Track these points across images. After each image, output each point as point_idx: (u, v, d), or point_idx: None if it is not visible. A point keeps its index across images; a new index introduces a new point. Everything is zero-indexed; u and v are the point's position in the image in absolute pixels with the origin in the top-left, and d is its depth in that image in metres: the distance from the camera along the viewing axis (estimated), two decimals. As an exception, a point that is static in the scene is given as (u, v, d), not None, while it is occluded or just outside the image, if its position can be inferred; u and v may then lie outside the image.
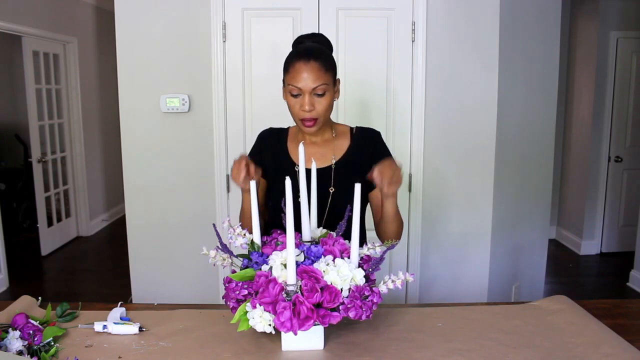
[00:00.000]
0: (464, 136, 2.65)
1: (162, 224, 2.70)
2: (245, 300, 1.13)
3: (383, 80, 2.60)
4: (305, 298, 1.06)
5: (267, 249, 1.21)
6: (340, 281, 1.09)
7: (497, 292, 2.81)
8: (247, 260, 1.19)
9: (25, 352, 1.15)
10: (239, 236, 1.22)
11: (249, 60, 2.58)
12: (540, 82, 2.94)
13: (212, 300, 2.70)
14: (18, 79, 5.32)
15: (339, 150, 1.53)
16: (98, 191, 5.75)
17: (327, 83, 1.40)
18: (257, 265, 1.15)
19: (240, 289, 1.12)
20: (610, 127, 4.58)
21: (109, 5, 3.22)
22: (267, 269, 1.13)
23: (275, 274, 1.10)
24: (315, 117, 1.41)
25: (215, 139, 2.62)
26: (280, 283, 1.09)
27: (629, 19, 4.42)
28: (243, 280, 1.14)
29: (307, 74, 1.38)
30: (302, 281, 1.09)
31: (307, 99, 1.39)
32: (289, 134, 1.59)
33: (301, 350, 1.20)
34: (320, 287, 1.08)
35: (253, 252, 1.19)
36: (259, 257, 1.16)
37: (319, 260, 1.14)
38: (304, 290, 1.08)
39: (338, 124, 1.60)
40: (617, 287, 3.98)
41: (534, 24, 2.84)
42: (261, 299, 1.08)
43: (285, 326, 1.06)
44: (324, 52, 1.45)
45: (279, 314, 1.06)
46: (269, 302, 1.07)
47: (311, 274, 1.09)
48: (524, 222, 2.99)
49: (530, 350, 1.19)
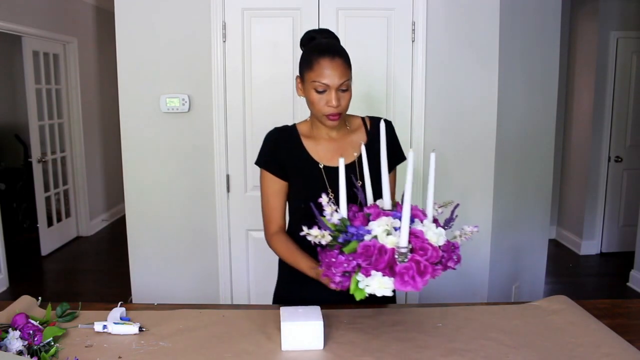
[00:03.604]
0: (464, 136, 2.65)
1: (162, 224, 2.70)
2: (353, 271, 1.18)
3: (383, 80, 2.59)
4: (420, 256, 1.17)
5: (356, 222, 1.26)
6: (437, 238, 1.20)
7: (497, 292, 2.81)
8: (345, 234, 1.22)
9: (25, 352, 1.15)
10: (334, 213, 1.27)
11: (249, 60, 2.58)
12: (540, 82, 2.94)
13: (212, 300, 2.70)
14: (18, 79, 5.31)
15: (358, 145, 1.53)
16: (98, 191, 5.75)
17: (349, 78, 1.46)
18: (356, 237, 1.21)
19: (349, 262, 1.17)
20: (610, 127, 4.58)
21: (109, 5, 3.22)
22: (370, 238, 1.19)
23: (382, 241, 1.17)
24: (340, 112, 1.45)
25: (215, 139, 2.62)
26: (391, 248, 1.16)
27: (629, 19, 4.42)
28: (350, 252, 1.19)
29: (333, 71, 1.41)
30: (411, 243, 1.18)
31: (333, 95, 1.42)
32: (300, 132, 1.57)
33: (301, 350, 1.20)
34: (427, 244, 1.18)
35: (349, 227, 1.23)
36: (358, 230, 1.22)
37: (413, 222, 1.23)
38: (416, 250, 1.17)
39: (349, 116, 1.60)
40: (617, 287, 3.98)
41: (534, 24, 2.84)
42: (377, 266, 1.14)
43: (409, 284, 1.14)
44: (343, 48, 1.49)
45: (402, 274, 1.14)
46: (384, 267, 1.14)
47: (418, 234, 1.19)
48: (524, 222, 2.99)
49: (530, 350, 1.19)
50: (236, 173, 2.65)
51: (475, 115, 2.64)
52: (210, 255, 2.71)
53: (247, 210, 2.65)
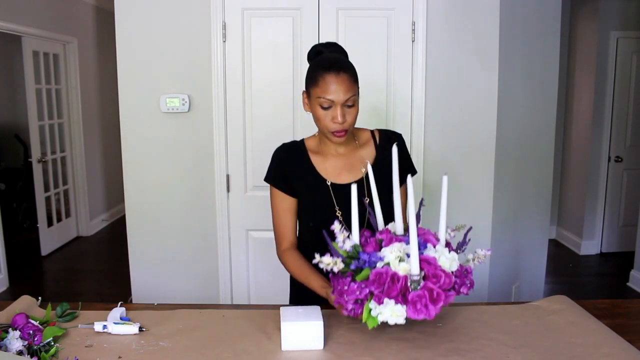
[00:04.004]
0: (464, 136, 2.65)
1: (162, 224, 2.70)
2: (366, 299, 1.17)
3: (383, 80, 2.59)
4: (433, 283, 1.15)
5: (369, 247, 1.25)
6: (449, 264, 1.19)
7: (497, 292, 2.81)
8: (357, 261, 1.21)
9: (25, 352, 1.15)
10: (346, 239, 1.24)
11: (249, 61, 2.58)
12: (540, 82, 2.94)
13: (212, 300, 2.70)
14: (18, 79, 5.32)
15: (366, 160, 1.50)
16: (98, 191, 5.75)
17: (356, 94, 1.42)
18: (368, 264, 1.19)
19: (362, 289, 1.16)
20: (610, 127, 4.58)
21: (109, 5, 3.22)
22: (382, 265, 1.17)
23: (394, 268, 1.16)
24: (346, 129, 1.43)
25: (215, 139, 2.62)
26: (404, 276, 1.15)
27: (629, 19, 4.42)
28: (363, 279, 1.18)
29: (339, 86, 1.38)
30: (423, 270, 1.17)
31: (339, 111, 1.39)
32: (307, 148, 1.55)
33: (301, 350, 1.20)
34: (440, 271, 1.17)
35: (361, 253, 1.22)
36: (370, 257, 1.20)
37: (426, 248, 1.22)
38: (429, 277, 1.16)
39: (358, 129, 1.57)
40: (617, 287, 3.98)
41: (534, 24, 2.84)
42: (389, 293, 1.13)
43: (422, 312, 1.13)
44: (349, 63, 1.46)
45: (414, 302, 1.13)
46: (396, 295, 1.13)
47: (430, 261, 1.18)
48: (524, 222, 2.98)
49: (530, 350, 1.19)
50: (236, 173, 2.65)
51: (475, 115, 2.64)
52: (210, 255, 2.71)
53: (247, 210, 2.65)
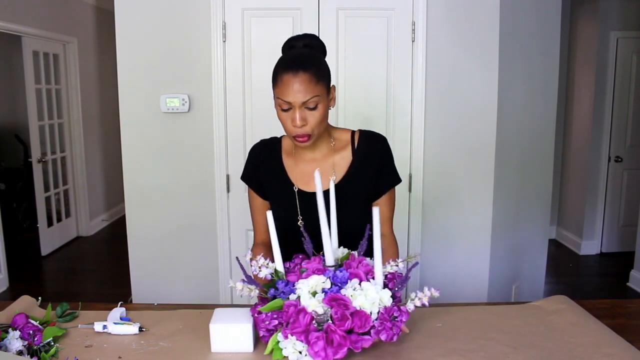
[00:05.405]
0: (464, 136, 2.65)
1: (162, 224, 2.70)
2: (276, 330, 1.12)
3: (383, 80, 2.59)
4: (337, 326, 1.06)
5: (292, 276, 1.17)
6: (369, 305, 1.08)
7: (497, 292, 2.81)
8: (274, 289, 1.15)
9: (25, 352, 1.15)
10: (262, 267, 1.18)
11: (249, 61, 2.58)
12: (540, 82, 2.94)
13: (212, 300, 2.70)
14: (18, 79, 5.31)
15: (340, 168, 1.41)
16: (98, 191, 5.75)
17: (319, 94, 1.28)
18: (284, 294, 1.13)
19: (270, 320, 1.11)
20: (610, 127, 4.58)
21: (109, 5, 3.22)
22: (295, 298, 1.11)
23: (304, 303, 1.08)
24: (309, 133, 1.30)
25: (215, 139, 2.62)
26: (310, 312, 1.07)
27: (629, 19, 4.42)
28: (272, 310, 1.12)
29: (296, 87, 1.25)
30: (332, 309, 1.07)
31: (297, 114, 1.26)
32: (282, 147, 1.47)
33: (230, 352, 1.18)
34: (350, 313, 1.06)
35: (279, 281, 1.16)
36: (285, 286, 1.14)
37: (345, 285, 1.12)
38: (335, 319, 1.07)
39: (338, 130, 1.46)
40: (617, 287, 3.98)
41: (534, 24, 2.84)
42: (292, 329, 1.07)
43: (320, 355, 1.05)
44: (314, 59, 1.31)
45: (312, 344, 1.05)
46: (300, 331, 1.07)
47: (340, 301, 1.07)
48: (524, 222, 2.98)
49: (530, 350, 1.19)
50: (236, 173, 2.65)
51: (476, 115, 2.64)
52: (211, 255, 2.71)
53: (247, 210, 2.63)
